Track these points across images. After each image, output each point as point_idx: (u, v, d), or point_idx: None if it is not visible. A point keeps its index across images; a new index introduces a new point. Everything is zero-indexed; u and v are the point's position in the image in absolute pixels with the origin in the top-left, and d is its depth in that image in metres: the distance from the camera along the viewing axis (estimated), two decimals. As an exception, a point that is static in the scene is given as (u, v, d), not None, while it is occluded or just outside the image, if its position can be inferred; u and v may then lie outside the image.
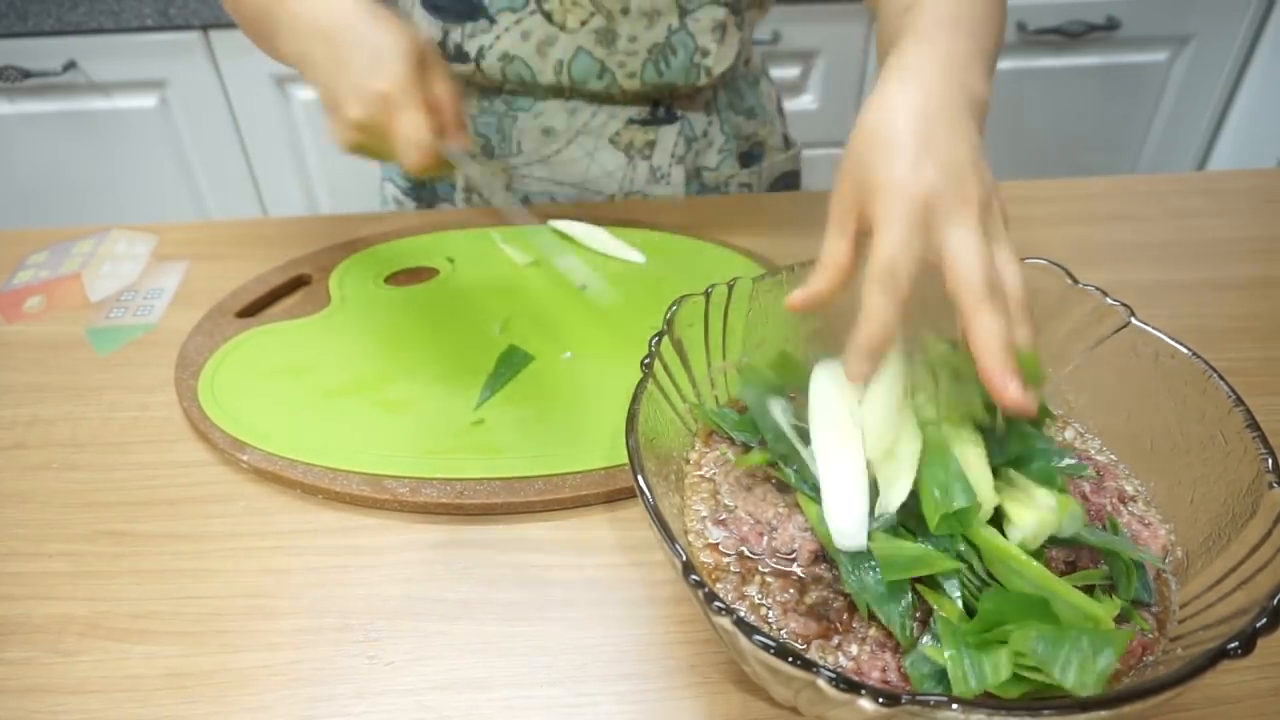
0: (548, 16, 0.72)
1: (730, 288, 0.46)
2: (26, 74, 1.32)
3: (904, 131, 0.40)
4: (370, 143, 0.55)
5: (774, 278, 0.48)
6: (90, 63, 1.33)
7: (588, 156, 0.79)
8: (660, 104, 0.78)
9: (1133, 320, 0.43)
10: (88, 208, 1.48)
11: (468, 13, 0.72)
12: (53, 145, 1.41)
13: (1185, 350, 0.41)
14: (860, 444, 0.39)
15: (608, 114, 0.78)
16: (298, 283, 0.70)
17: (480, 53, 0.74)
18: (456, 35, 0.74)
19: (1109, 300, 0.44)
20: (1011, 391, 0.36)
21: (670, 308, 0.44)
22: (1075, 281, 0.45)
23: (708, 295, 0.46)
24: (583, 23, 0.71)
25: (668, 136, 0.79)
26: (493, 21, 0.72)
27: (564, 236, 0.73)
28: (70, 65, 1.32)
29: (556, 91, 0.77)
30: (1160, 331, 0.42)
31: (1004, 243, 0.40)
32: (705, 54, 0.74)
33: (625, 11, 0.71)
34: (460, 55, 0.75)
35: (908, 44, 0.46)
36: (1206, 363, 0.40)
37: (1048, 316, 0.47)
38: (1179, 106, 1.50)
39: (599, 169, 0.80)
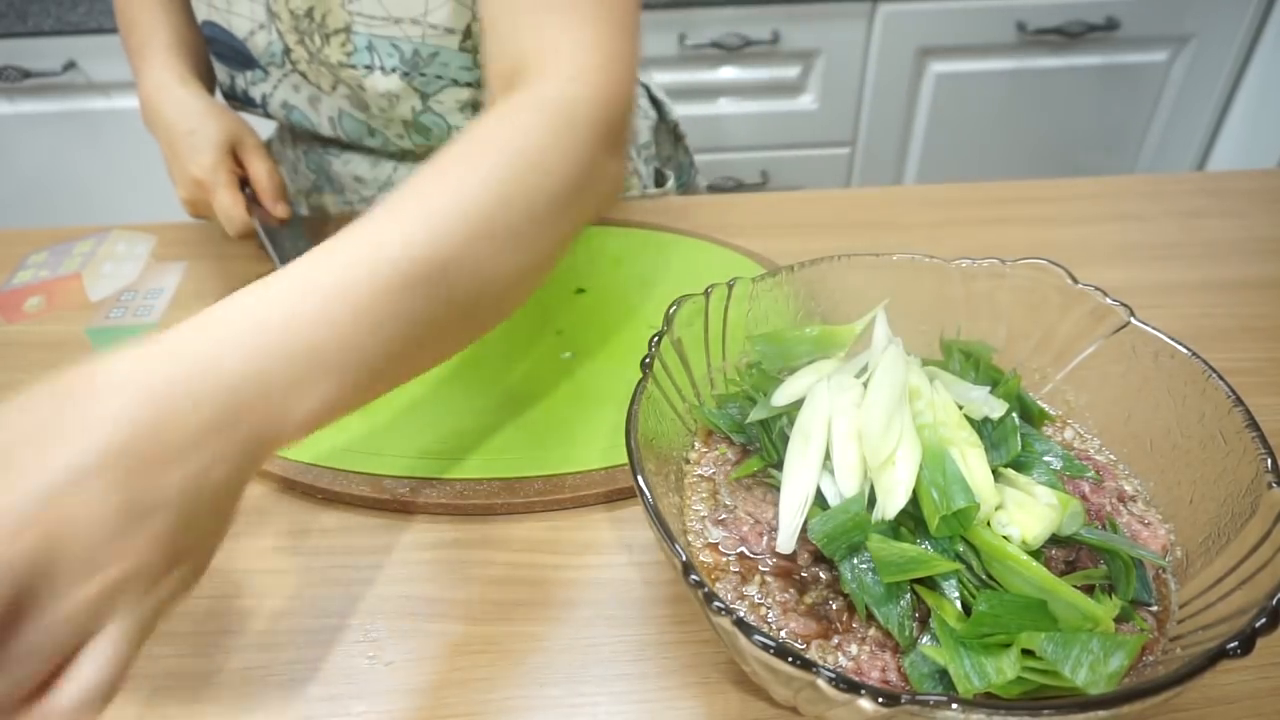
0: (303, 76, 0.71)
1: (730, 288, 0.46)
2: (26, 74, 1.32)
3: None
4: (205, 212, 0.67)
5: (774, 278, 0.48)
6: (90, 63, 1.33)
7: None
8: None
9: (1133, 320, 0.43)
10: (88, 208, 1.48)
11: (243, 62, 0.72)
12: (53, 145, 1.41)
13: (1185, 350, 0.41)
14: (818, 458, 0.39)
15: (409, 168, 0.75)
16: (298, 283, 0.70)
17: (264, 99, 0.74)
18: (241, 81, 0.74)
19: (1109, 300, 0.44)
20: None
21: (670, 308, 0.44)
22: (1075, 281, 0.45)
23: (708, 295, 0.46)
24: (333, 87, 0.70)
25: None
26: (265, 73, 0.72)
27: None
28: (70, 65, 1.32)
29: (345, 144, 0.75)
30: (1160, 331, 0.42)
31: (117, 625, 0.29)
32: (461, 129, 0.69)
33: (363, 88, 0.68)
34: (248, 100, 0.75)
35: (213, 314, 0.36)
36: (1206, 363, 0.40)
37: (1048, 317, 0.47)
38: (1179, 106, 1.50)
39: None
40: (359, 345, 0.34)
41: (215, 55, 0.74)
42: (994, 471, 0.38)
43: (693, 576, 0.32)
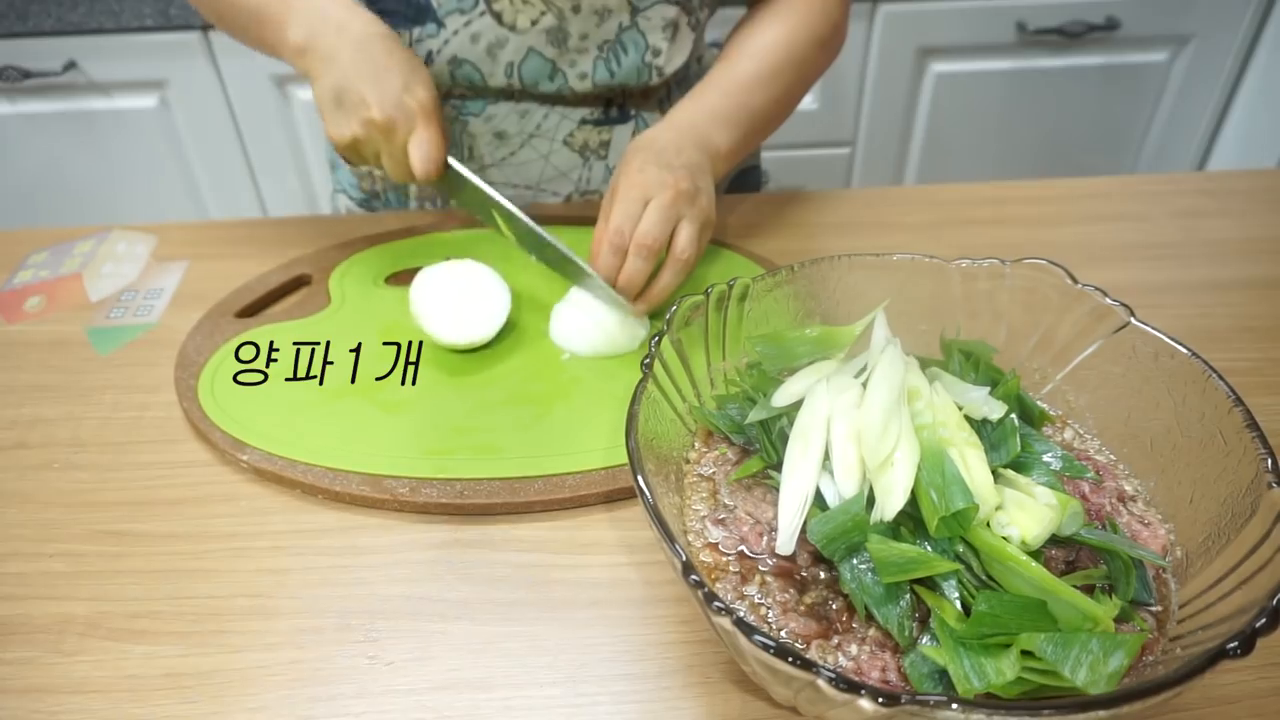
0: (497, 17, 0.70)
1: (730, 288, 0.46)
2: (26, 74, 1.32)
3: (644, 150, 0.62)
4: (368, 145, 0.63)
5: (774, 278, 0.48)
6: (90, 63, 1.33)
7: (542, 159, 0.78)
8: (613, 104, 0.77)
9: (1133, 320, 0.43)
10: (88, 208, 1.48)
11: (415, 16, 0.71)
12: (53, 145, 1.41)
13: (1185, 350, 0.41)
14: (817, 459, 0.39)
15: (560, 115, 0.76)
16: (298, 283, 0.70)
17: (429, 57, 0.72)
18: (404, 40, 0.72)
19: (1109, 300, 0.44)
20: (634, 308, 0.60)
21: (670, 308, 0.44)
22: (1075, 281, 0.45)
23: (708, 295, 0.46)
24: (533, 22, 0.70)
25: (622, 136, 0.78)
26: (441, 25, 0.70)
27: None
28: (70, 65, 1.32)
29: (507, 94, 0.75)
30: (1160, 331, 0.42)
31: (689, 220, 0.60)
32: (656, 53, 0.73)
33: (576, 9, 0.69)
34: None
35: (688, 96, 0.68)
36: (1206, 363, 0.40)
37: (1048, 317, 0.47)
38: (1179, 106, 1.50)
39: (554, 170, 0.79)
40: (737, 106, 0.67)
41: (379, 13, 0.70)
42: (994, 472, 0.38)
43: (693, 576, 0.32)
